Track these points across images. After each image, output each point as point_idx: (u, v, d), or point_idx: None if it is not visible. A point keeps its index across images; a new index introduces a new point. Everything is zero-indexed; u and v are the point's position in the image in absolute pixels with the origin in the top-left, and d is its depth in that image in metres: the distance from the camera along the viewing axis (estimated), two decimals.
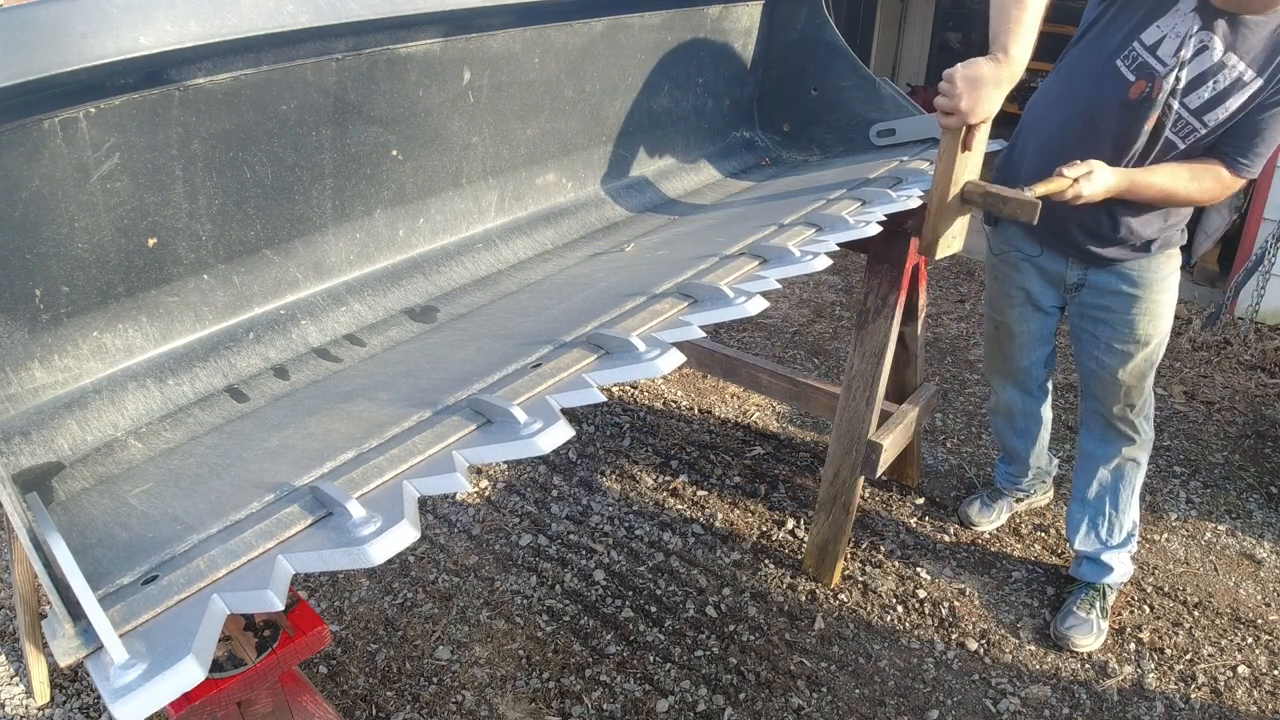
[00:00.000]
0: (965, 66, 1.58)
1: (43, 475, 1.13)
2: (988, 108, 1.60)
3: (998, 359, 2.42)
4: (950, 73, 1.59)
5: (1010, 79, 1.59)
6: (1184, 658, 2.24)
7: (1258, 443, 3.11)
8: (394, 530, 0.85)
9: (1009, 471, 2.69)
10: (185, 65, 1.20)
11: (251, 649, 1.02)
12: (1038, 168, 1.89)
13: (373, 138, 1.53)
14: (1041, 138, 1.99)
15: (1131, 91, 1.77)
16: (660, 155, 2.27)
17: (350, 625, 2.33)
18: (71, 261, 1.20)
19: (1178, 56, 1.70)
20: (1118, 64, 1.77)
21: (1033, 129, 2.04)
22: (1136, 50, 1.75)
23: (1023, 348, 2.33)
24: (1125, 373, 2.11)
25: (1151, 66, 1.74)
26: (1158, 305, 2.04)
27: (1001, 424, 2.58)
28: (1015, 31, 1.58)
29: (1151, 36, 1.73)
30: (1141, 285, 2.01)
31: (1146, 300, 2.02)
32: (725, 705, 2.10)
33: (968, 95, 1.57)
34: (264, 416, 1.28)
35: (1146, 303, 2.03)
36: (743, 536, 2.64)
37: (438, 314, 1.61)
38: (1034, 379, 2.42)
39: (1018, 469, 2.66)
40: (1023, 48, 1.59)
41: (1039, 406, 2.48)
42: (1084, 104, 1.86)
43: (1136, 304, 2.03)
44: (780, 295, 4.22)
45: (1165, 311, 2.05)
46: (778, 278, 1.35)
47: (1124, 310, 2.04)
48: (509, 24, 1.67)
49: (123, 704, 0.71)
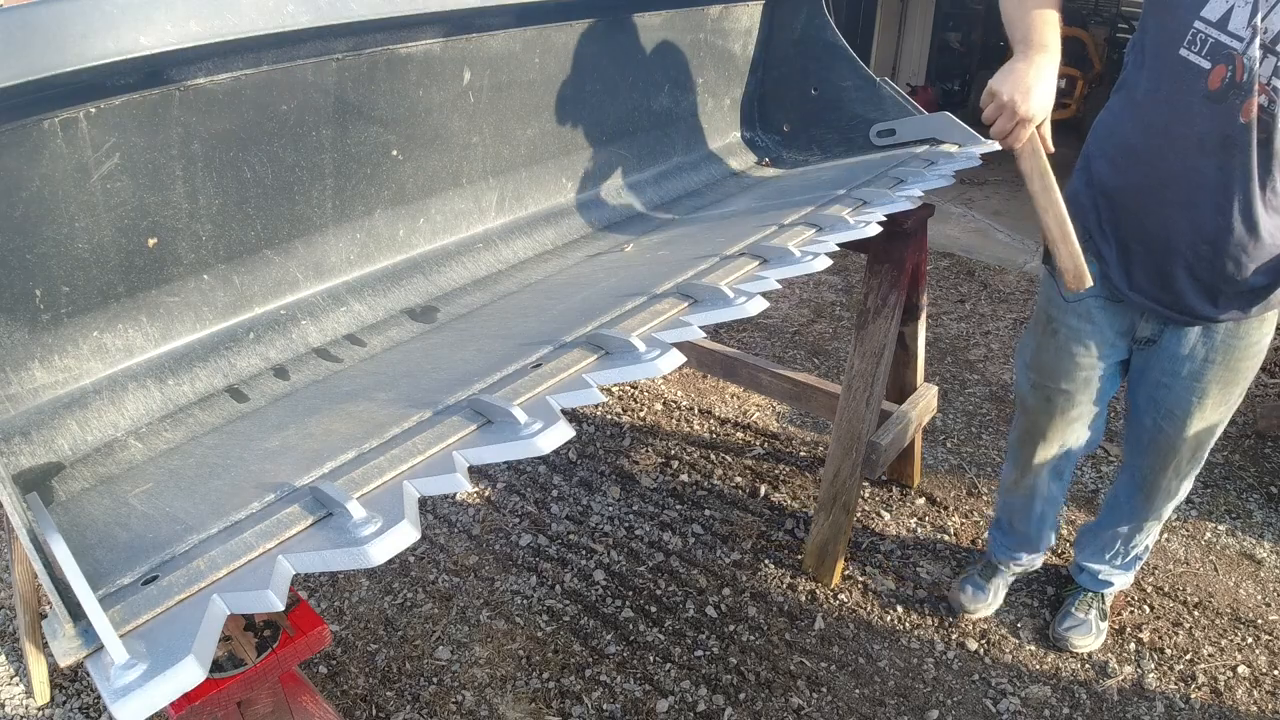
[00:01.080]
0: (999, 78, 1.44)
1: (43, 475, 1.13)
2: (1045, 101, 1.44)
3: (1036, 437, 2.03)
4: (989, 90, 1.45)
5: (1049, 65, 1.45)
6: (1184, 658, 2.24)
7: (1258, 443, 3.11)
8: (394, 530, 0.85)
9: (1008, 544, 2.32)
10: (185, 65, 1.20)
11: (251, 649, 1.02)
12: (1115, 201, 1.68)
13: (373, 138, 1.53)
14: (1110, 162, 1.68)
15: (1210, 79, 1.46)
16: (660, 155, 2.27)
17: (350, 625, 2.33)
18: (72, 261, 1.20)
19: (1253, 25, 1.41)
20: (1182, 53, 1.49)
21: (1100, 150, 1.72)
22: (1201, 30, 1.46)
23: (1077, 423, 1.97)
24: (1184, 442, 1.85)
25: (1227, 45, 1.44)
26: (1239, 375, 1.76)
27: (1016, 504, 2.21)
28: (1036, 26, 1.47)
29: (1216, 10, 1.45)
30: (1225, 350, 1.72)
31: (1227, 369, 1.74)
32: (725, 705, 2.10)
33: (1023, 98, 1.42)
34: (264, 416, 1.28)
35: (1227, 371, 1.74)
36: (743, 536, 2.64)
37: (438, 314, 1.61)
38: (1073, 460, 2.09)
39: (1019, 543, 2.31)
40: (1050, 36, 1.47)
41: (1064, 491, 2.19)
42: (1154, 113, 1.57)
43: (1212, 371, 1.74)
44: (780, 295, 4.22)
45: (1246, 379, 1.78)
46: (778, 278, 1.35)
47: (1196, 377, 1.76)
48: (509, 24, 1.67)
49: (123, 704, 0.71)
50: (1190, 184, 1.55)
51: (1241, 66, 1.44)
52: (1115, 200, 1.68)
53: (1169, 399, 1.81)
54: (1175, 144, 1.54)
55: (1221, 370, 1.73)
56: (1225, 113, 1.47)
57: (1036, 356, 1.95)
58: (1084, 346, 1.85)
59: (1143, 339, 1.80)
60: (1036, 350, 1.95)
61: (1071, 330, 1.85)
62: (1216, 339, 1.70)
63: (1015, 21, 1.50)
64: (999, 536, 2.34)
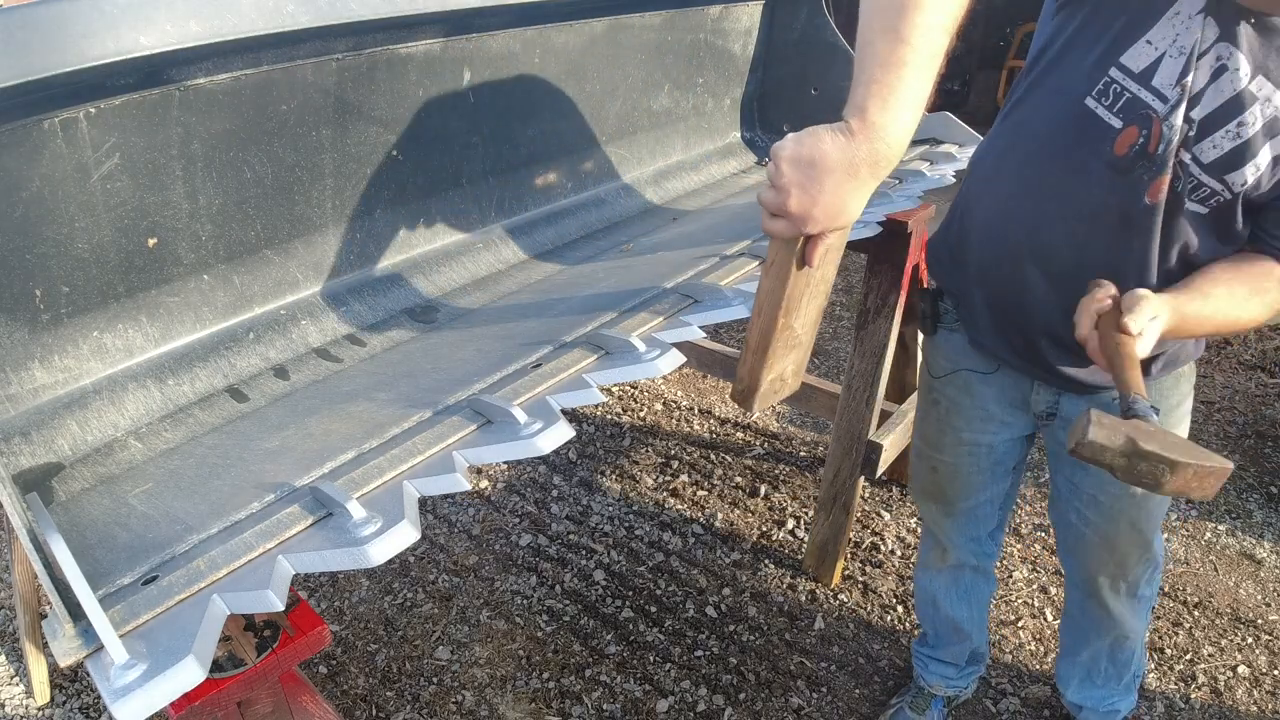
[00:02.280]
0: (797, 141, 0.91)
1: (43, 475, 1.13)
2: (834, 210, 0.92)
3: (934, 498, 1.77)
4: (776, 149, 0.93)
5: (874, 161, 0.90)
6: (1184, 658, 2.24)
7: (1258, 443, 3.11)
8: (394, 531, 0.85)
9: (940, 661, 1.99)
10: (185, 65, 1.20)
11: (251, 649, 1.01)
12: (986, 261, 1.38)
13: (373, 138, 1.53)
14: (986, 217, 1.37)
15: (1118, 144, 1.17)
16: (660, 155, 2.27)
17: (350, 625, 2.33)
18: (72, 262, 1.20)
19: (1182, 84, 1.12)
20: (1089, 104, 1.18)
21: (977, 199, 1.41)
22: (1117, 81, 1.16)
23: (972, 486, 1.69)
24: (1118, 535, 1.52)
25: (1145, 105, 1.14)
26: None
27: (939, 585, 1.88)
28: (884, 83, 0.88)
29: (1140, 58, 1.14)
30: None
31: None
32: (725, 705, 2.10)
33: (800, 191, 0.91)
34: (264, 416, 1.28)
35: None
36: (743, 536, 2.64)
37: (438, 314, 1.61)
38: (985, 521, 1.77)
39: (953, 652, 1.96)
40: (897, 110, 0.88)
41: (992, 561, 1.85)
42: (1046, 168, 1.26)
43: None
44: None
45: None
46: None
47: None
48: (509, 24, 1.67)
49: (123, 704, 0.71)
50: (1074, 261, 1.25)
51: (1158, 135, 1.14)
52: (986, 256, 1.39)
53: (1088, 483, 1.50)
54: (1064, 210, 1.25)
55: None
56: (1128, 188, 1.18)
57: (920, 424, 1.72)
58: (965, 421, 1.59)
59: (1041, 413, 1.50)
60: (920, 417, 1.72)
61: (951, 402, 1.59)
62: None
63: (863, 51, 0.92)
64: (925, 655, 2.02)
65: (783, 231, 0.96)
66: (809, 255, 0.99)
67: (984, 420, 1.57)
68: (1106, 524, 1.52)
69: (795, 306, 1.07)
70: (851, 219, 0.96)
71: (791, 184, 0.91)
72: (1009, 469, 1.66)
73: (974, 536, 1.79)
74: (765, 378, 1.12)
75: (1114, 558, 1.56)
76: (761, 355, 1.10)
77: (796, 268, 1.01)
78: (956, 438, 1.62)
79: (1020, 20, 6.21)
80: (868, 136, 0.89)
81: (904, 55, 0.88)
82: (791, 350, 1.14)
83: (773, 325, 1.07)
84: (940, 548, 1.84)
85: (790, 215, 0.93)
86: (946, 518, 1.78)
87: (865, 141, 0.89)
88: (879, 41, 0.90)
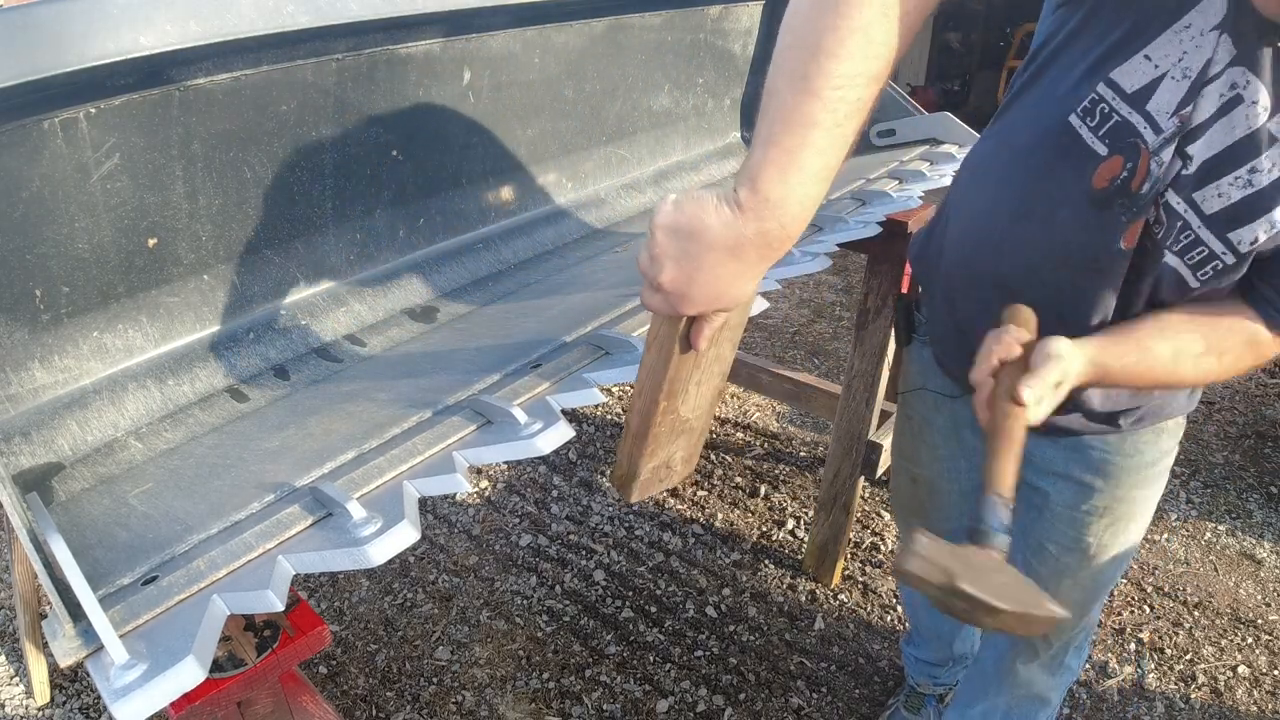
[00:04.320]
0: (678, 206, 0.75)
1: (43, 475, 1.13)
2: (713, 292, 0.77)
3: (915, 511, 1.63)
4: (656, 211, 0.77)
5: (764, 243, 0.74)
6: (1184, 658, 2.24)
7: (1258, 443, 3.11)
8: (394, 531, 0.85)
9: (922, 660, 1.96)
10: (185, 65, 1.20)
11: (251, 649, 1.01)
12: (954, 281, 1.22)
13: (373, 138, 1.53)
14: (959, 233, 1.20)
15: (1098, 175, 0.97)
16: (660, 155, 2.27)
17: (350, 625, 2.33)
18: (72, 262, 1.20)
19: (1181, 115, 0.90)
20: (1072, 121, 0.98)
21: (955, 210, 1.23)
22: (1105, 99, 0.95)
23: (951, 506, 1.53)
24: (1057, 588, 1.34)
25: (1133, 129, 0.93)
26: (1128, 505, 1.26)
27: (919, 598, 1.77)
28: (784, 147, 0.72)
29: (1135, 75, 0.93)
30: (1105, 474, 1.23)
31: (1110, 496, 1.24)
32: (725, 705, 2.10)
33: (675, 265, 0.76)
34: (264, 416, 1.28)
35: (1110, 500, 1.24)
36: (743, 536, 2.64)
37: (438, 314, 1.61)
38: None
39: (934, 654, 1.92)
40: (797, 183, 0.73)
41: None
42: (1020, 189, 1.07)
43: (1093, 499, 1.25)
44: (780, 295, 4.22)
45: (1140, 513, 1.28)
46: (777, 278, 1.35)
47: (1070, 503, 1.27)
48: (509, 24, 1.67)
49: (123, 704, 0.71)
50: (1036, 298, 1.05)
51: (1145, 169, 0.94)
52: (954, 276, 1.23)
53: (1038, 529, 1.33)
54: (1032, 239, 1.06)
55: (1107, 498, 1.24)
56: (1104, 226, 0.99)
57: (896, 436, 1.61)
58: (940, 436, 1.46)
59: None
60: (896, 429, 1.61)
61: (923, 419, 1.47)
62: (1094, 455, 1.22)
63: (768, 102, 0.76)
64: (912, 654, 1.98)
65: (658, 308, 0.81)
66: (694, 338, 0.84)
67: (958, 442, 1.43)
68: (1049, 578, 1.34)
69: (680, 390, 0.92)
70: (737, 301, 0.80)
71: (665, 256, 0.76)
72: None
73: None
74: (645, 465, 0.96)
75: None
76: (642, 440, 0.95)
77: (680, 350, 0.86)
78: (933, 453, 1.49)
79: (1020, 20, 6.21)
80: (758, 214, 0.73)
81: (813, 113, 0.71)
82: (679, 436, 0.98)
83: (653, 409, 0.91)
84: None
85: (663, 291, 0.78)
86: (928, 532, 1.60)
87: (754, 219, 0.73)
88: (786, 92, 0.73)
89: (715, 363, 0.92)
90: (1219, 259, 0.96)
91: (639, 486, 0.97)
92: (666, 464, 1.00)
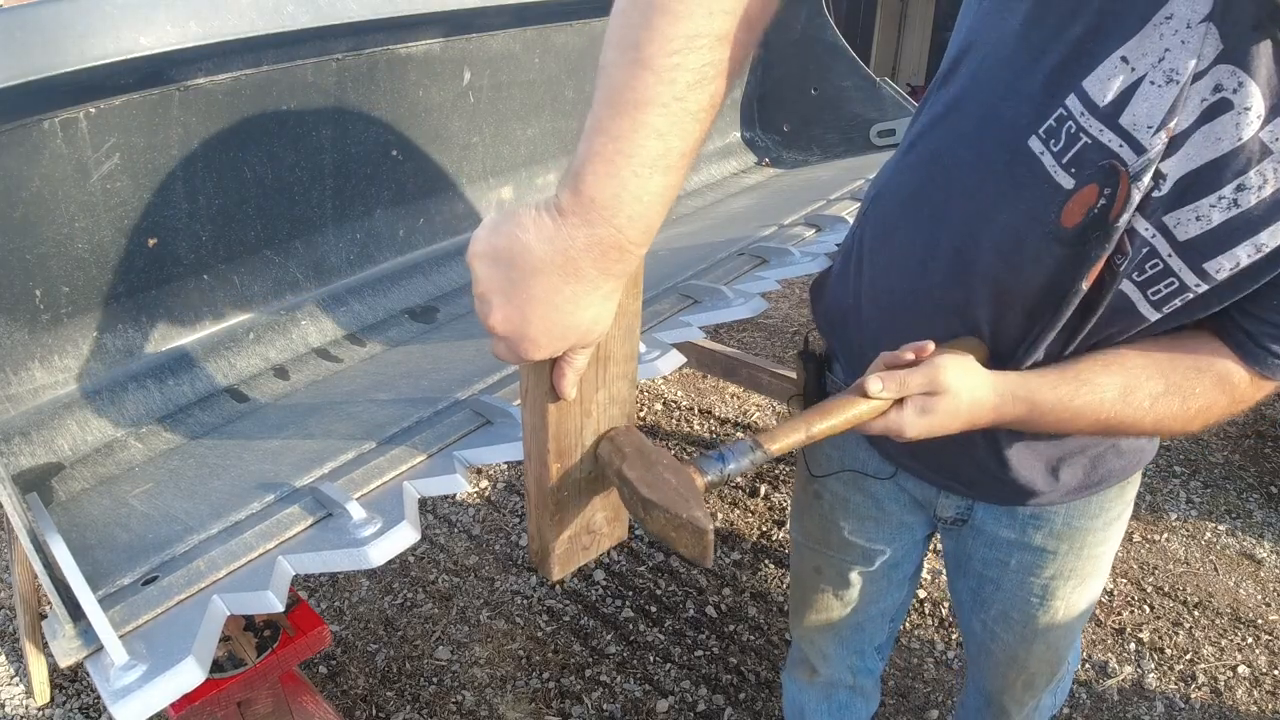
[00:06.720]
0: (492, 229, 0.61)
1: (43, 475, 1.13)
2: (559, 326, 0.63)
3: (810, 605, 1.38)
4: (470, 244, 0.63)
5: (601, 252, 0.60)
6: (1184, 658, 2.24)
7: (1258, 443, 3.11)
8: (394, 531, 0.85)
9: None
10: (185, 65, 1.20)
11: (251, 649, 1.02)
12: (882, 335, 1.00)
13: (373, 138, 1.53)
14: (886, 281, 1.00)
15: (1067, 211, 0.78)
16: None
17: (350, 625, 2.33)
18: (72, 261, 1.20)
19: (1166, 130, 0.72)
20: (1032, 145, 0.78)
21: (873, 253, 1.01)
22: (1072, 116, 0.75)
23: (863, 598, 1.33)
24: (1029, 656, 1.25)
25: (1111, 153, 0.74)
26: (1093, 563, 1.15)
27: (809, 699, 1.51)
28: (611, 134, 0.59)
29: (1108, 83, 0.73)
30: (1068, 538, 1.11)
31: (1079, 559, 1.13)
32: (725, 705, 2.10)
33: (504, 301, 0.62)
34: (264, 416, 1.28)
35: (1079, 561, 1.13)
36: (743, 536, 2.64)
37: (438, 314, 1.61)
38: (873, 636, 1.40)
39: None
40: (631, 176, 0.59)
41: (874, 678, 1.48)
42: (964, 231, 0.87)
43: (1057, 563, 1.13)
44: (780, 295, 4.22)
45: (1104, 565, 1.18)
46: (778, 278, 1.35)
47: (1032, 570, 1.15)
48: (509, 24, 1.67)
49: (123, 704, 0.71)
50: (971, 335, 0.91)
51: (1124, 197, 0.75)
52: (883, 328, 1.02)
53: (999, 599, 1.21)
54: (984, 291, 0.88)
55: (1071, 560, 1.12)
56: (1072, 264, 0.80)
57: (800, 517, 1.33)
58: (857, 522, 1.23)
59: (947, 518, 1.17)
60: (800, 511, 1.33)
61: (836, 498, 1.24)
62: (1057, 520, 1.09)
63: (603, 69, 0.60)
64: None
65: (504, 357, 0.66)
66: (558, 384, 0.68)
67: (878, 523, 1.22)
68: (1017, 644, 1.24)
69: (571, 447, 0.76)
70: (593, 330, 0.64)
71: (490, 292, 0.61)
72: (907, 576, 1.32)
73: (856, 651, 1.42)
74: (559, 536, 0.81)
75: (1022, 677, 1.29)
76: (544, 510, 0.79)
77: (552, 400, 0.71)
78: (843, 539, 1.26)
79: None
80: (585, 219, 0.59)
81: (645, 88, 0.58)
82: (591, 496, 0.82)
83: (544, 474, 0.76)
84: (808, 665, 1.46)
85: (498, 336, 0.63)
86: (826, 631, 1.38)
87: (581, 225, 0.59)
88: (613, 66, 0.59)
89: (611, 404, 0.77)
90: (1189, 290, 0.78)
91: (557, 561, 0.82)
92: (587, 529, 0.85)
